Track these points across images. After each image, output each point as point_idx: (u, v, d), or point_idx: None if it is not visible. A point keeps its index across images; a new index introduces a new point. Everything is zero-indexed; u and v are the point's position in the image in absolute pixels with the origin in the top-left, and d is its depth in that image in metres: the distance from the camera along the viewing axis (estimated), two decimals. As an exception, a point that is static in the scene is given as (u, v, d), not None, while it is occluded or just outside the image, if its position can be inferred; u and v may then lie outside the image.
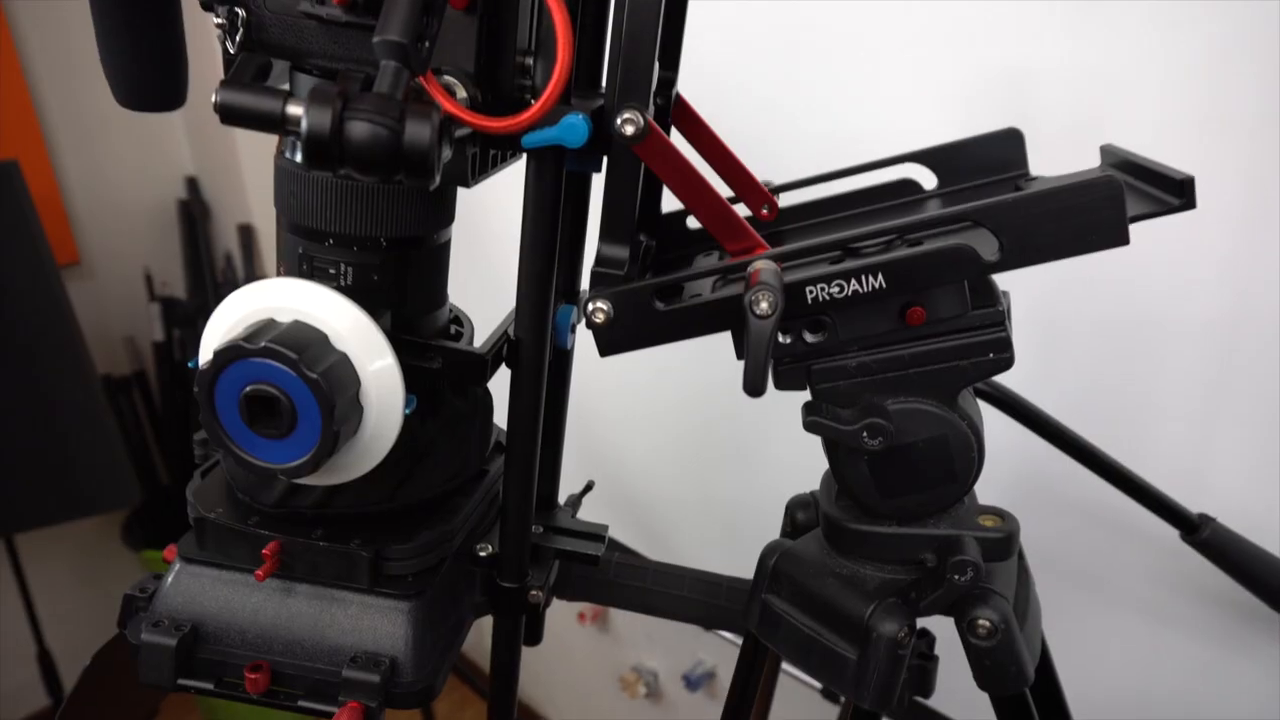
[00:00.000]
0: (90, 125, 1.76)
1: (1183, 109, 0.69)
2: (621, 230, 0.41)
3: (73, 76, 1.71)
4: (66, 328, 1.44)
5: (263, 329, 0.38)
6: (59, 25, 1.68)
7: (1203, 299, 0.72)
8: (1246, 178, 0.67)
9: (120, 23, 0.43)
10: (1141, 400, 0.77)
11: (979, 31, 0.77)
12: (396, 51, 0.32)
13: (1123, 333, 0.78)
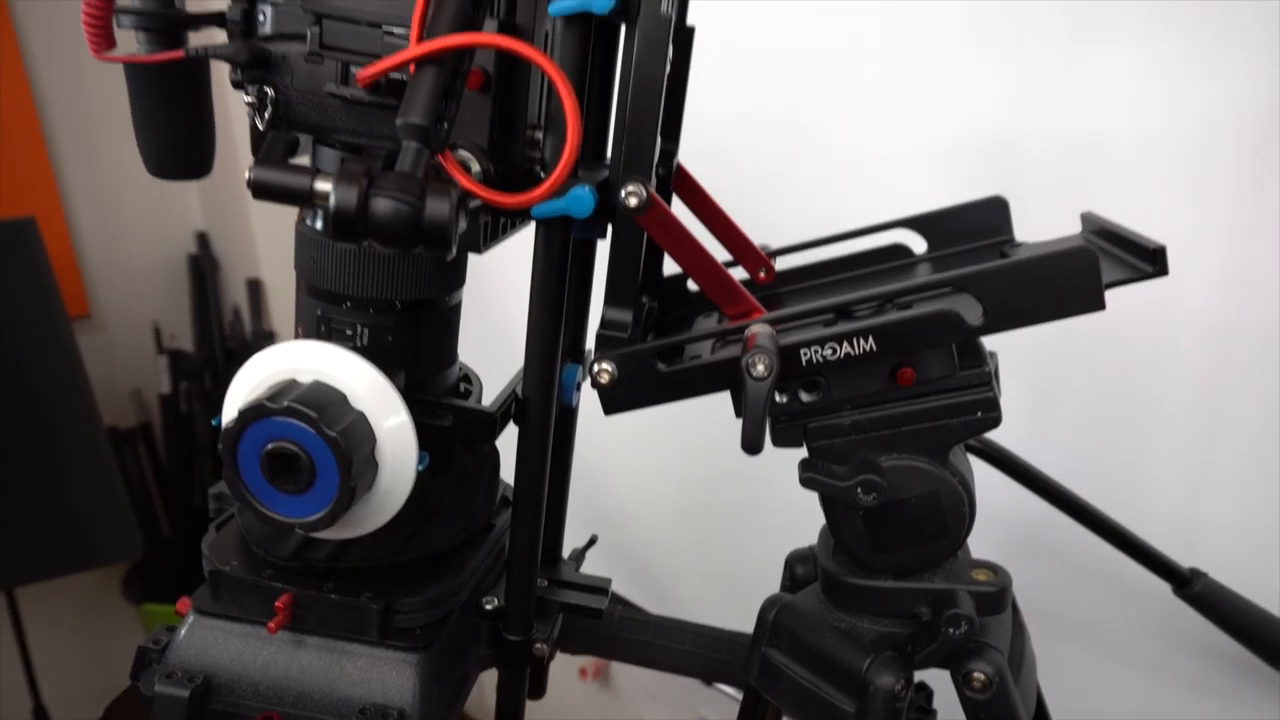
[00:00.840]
0: (105, 182, 1.80)
1: (1162, 173, 0.72)
2: (625, 295, 0.44)
3: (90, 135, 1.76)
4: (76, 381, 1.46)
5: (285, 389, 0.40)
6: (79, 86, 1.73)
7: (1191, 357, 0.75)
8: (1227, 241, 0.70)
9: (156, 102, 0.46)
10: (1133, 455, 0.79)
11: (967, 101, 0.81)
12: (418, 134, 0.34)
13: (1114, 390, 0.80)
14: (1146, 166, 0.73)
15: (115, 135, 1.76)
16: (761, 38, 0.89)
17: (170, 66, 0.45)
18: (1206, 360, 0.73)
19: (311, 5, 0.41)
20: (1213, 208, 0.70)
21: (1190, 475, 0.77)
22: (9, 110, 1.64)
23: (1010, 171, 0.79)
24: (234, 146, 0.67)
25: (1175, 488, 0.77)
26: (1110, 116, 0.74)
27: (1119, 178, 0.74)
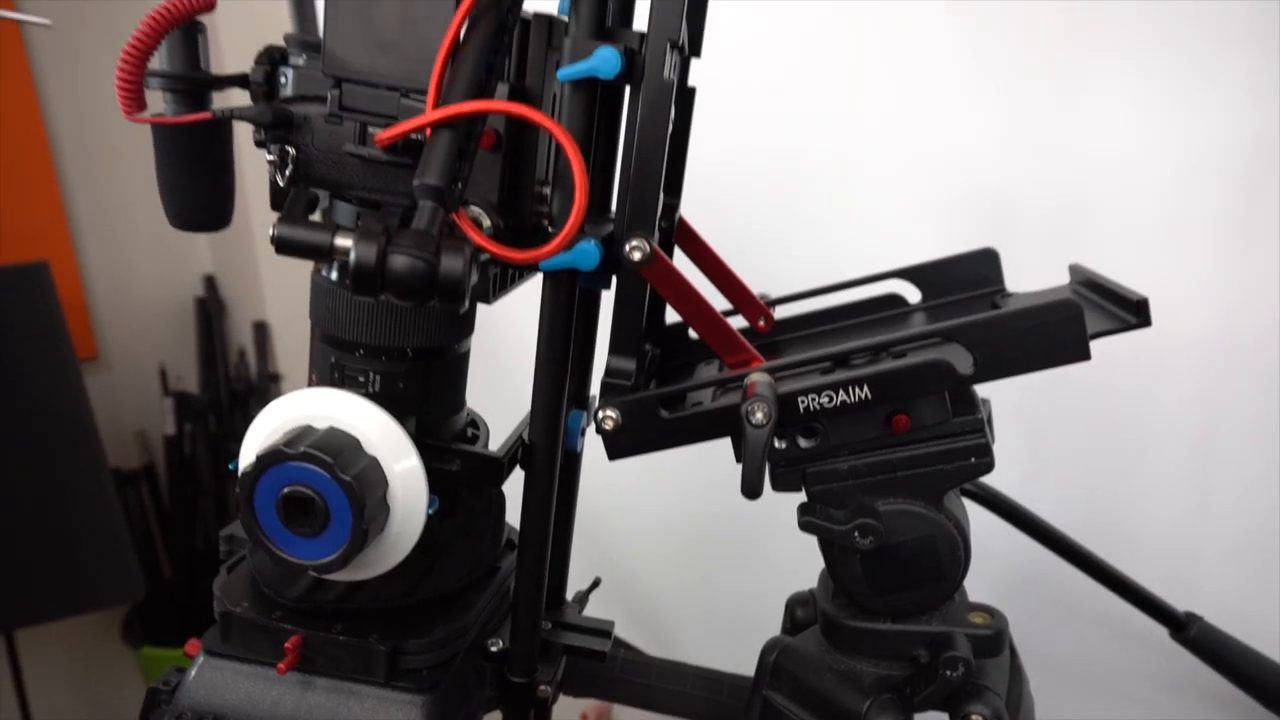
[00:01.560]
0: (116, 225, 1.83)
1: (1150, 223, 0.74)
2: (629, 344, 0.45)
3: (103, 179, 1.79)
4: (83, 424, 1.48)
5: (301, 434, 0.41)
6: (94, 131, 1.77)
7: (1182, 403, 0.76)
8: (1214, 289, 0.72)
9: (181, 159, 0.48)
10: (1129, 500, 0.80)
11: (960, 154, 0.83)
12: (434, 194, 0.36)
13: (1109, 436, 0.81)
14: (1134, 216, 0.75)
15: (127, 180, 1.80)
16: (761, 93, 0.92)
17: (195, 125, 0.47)
18: (1197, 406, 0.75)
19: (332, 70, 0.43)
20: (1199, 257, 0.72)
21: (1185, 520, 0.78)
22: (25, 155, 1.68)
23: (1002, 222, 0.81)
24: (244, 193, 0.69)
25: (1171, 532, 0.78)
26: (1098, 168, 0.76)
27: (1108, 227, 0.76)
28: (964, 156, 0.83)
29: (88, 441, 1.48)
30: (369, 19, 0.42)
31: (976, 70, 0.82)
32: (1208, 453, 0.76)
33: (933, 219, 0.85)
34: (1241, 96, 0.70)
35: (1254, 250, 0.70)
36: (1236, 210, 0.70)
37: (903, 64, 0.85)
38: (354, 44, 0.43)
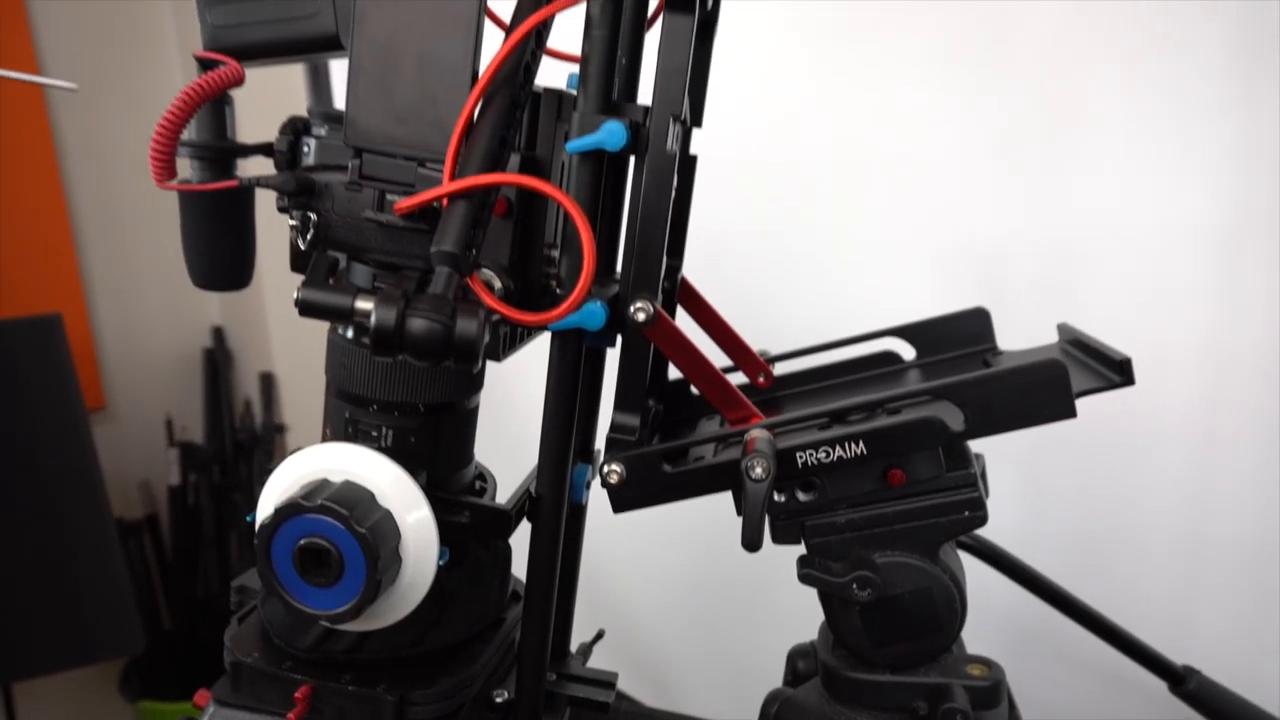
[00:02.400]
0: (128, 278, 1.86)
1: (1138, 281, 0.77)
2: (633, 401, 0.47)
3: (116, 232, 1.83)
4: (90, 475, 1.49)
5: (318, 488, 0.43)
6: (108, 186, 1.81)
7: (1175, 456, 0.77)
8: (1199, 349, 0.74)
9: (206, 223, 0.50)
10: (1127, 553, 0.81)
11: (955, 214, 0.86)
12: (450, 260, 0.38)
13: (1105, 491, 0.82)
14: (1122, 276, 0.77)
15: (139, 234, 1.84)
16: (761, 155, 0.95)
17: (221, 191, 0.49)
18: (1190, 465, 0.76)
19: (354, 140, 0.46)
20: (1186, 315, 0.74)
21: (1183, 573, 0.79)
22: (43, 211, 1.72)
23: (995, 279, 0.84)
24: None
25: (1168, 585, 0.79)
26: (1087, 229, 0.79)
27: (1097, 285, 0.78)
28: (958, 217, 0.86)
29: (93, 492, 1.49)
30: (389, 93, 0.45)
31: (970, 134, 0.85)
32: (1203, 510, 0.77)
33: (928, 277, 0.88)
34: (1223, 163, 0.73)
35: (1238, 309, 0.72)
36: (1219, 270, 0.72)
37: (898, 127, 0.89)
38: (374, 116, 0.45)
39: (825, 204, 0.93)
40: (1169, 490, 0.77)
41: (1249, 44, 0.73)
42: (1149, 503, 0.78)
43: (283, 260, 0.53)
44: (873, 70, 0.92)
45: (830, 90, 0.93)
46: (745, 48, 0.89)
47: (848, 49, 0.93)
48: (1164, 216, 0.75)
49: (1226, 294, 0.72)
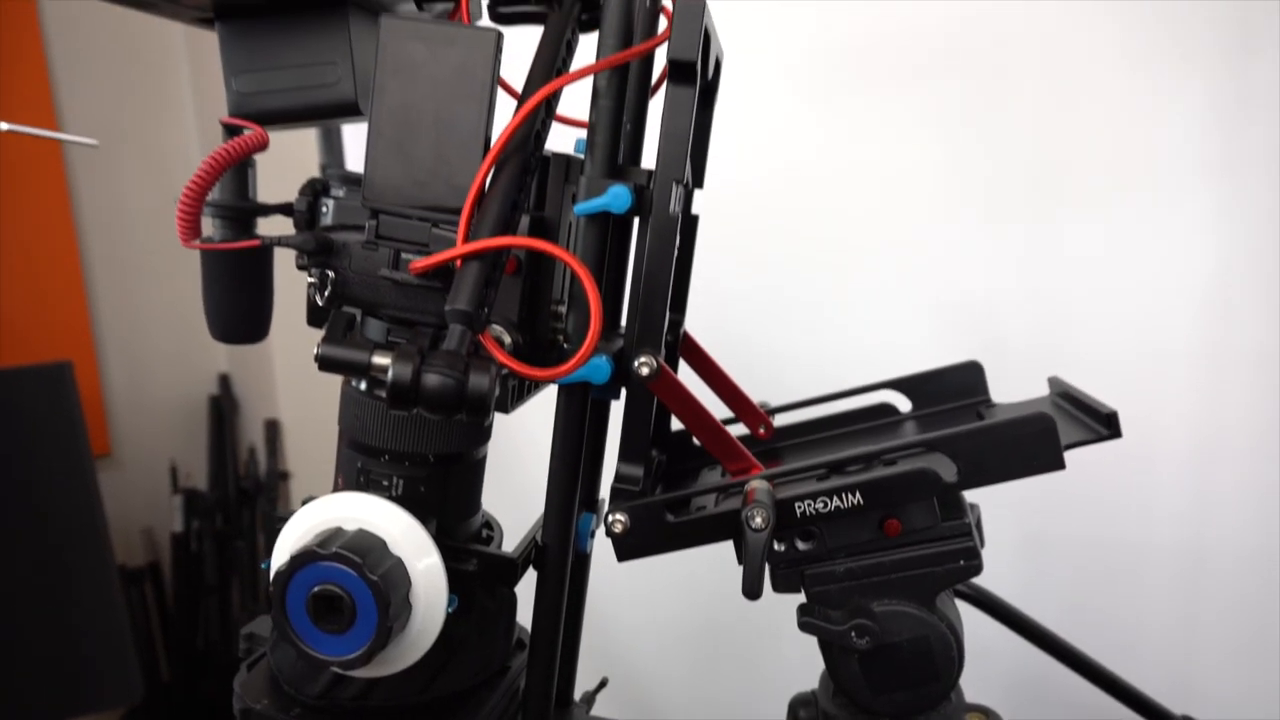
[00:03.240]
0: (136, 325, 1.89)
1: (1127, 335, 0.79)
2: (637, 452, 0.49)
3: (127, 281, 1.86)
4: (95, 523, 1.49)
5: (332, 536, 0.44)
6: (120, 236, 1.84)
7: (1171, 505, 0.79)
8: (1189, 402, 0.75)
9: (227, 279, 0.53)
10: (1125, 602, 0.82)
11: (950, 270, 0.88)
12: (464, 318, 0.40)
13: (1104, 540, 0.83)
14: (1113, 326, 0.79)
15: (149, 282, 1.87)
16: (762, 209, 0.98)
17: (242, 249, 0.51)
18: (1184, 511, 0.77)
19: (371, 202, 0.48)
20: (1176, 365, 0.76)
21: (1182, 623, 0.79)
22: (57, 260, 1.75)
23: (990, 330, 0.86)
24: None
25: (1167, 635, 0.79)
26: (1078, 286, 0.81)
27: (1089, 337, 0.80)
28: (952, 271, 0.88)
29: (97, 540, 1.50)
30: (406, 157, 0.47)
31: (963, 190, 0.88)
32: (1199, 561, 0.78)
33: (924, 330, 0.90)
34: (1207, 220, 0.75)
35: (1227, 362, 0.74)
36: (1207, 323, 0.74)
37: (893, 185, 0.91)
38: (392, 179, 0.47)
39: (823, 258, 0.95)
40: (1165, 540, 0.78)
41: (1231, 106, 0.76)
42: (1145, 553, 0.79)
43: (290, 309, 0.55)
44: (868, 129, 0.95)
45: (827, 148, 0.96)
46: (746, 108, 0.92)
47: (845, 109, 0.96)
48: (1152, 271, 0.77)
49: (1215, 346, 0.74)
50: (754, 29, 0.99)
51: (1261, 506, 0.74)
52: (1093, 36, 0.83)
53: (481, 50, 0.45)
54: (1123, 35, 0.81)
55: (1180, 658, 0.78)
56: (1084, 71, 0.83)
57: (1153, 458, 0.76)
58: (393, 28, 0.46)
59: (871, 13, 0.95)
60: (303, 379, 1.85)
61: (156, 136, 1.86)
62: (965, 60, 0.90)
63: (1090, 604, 0.82)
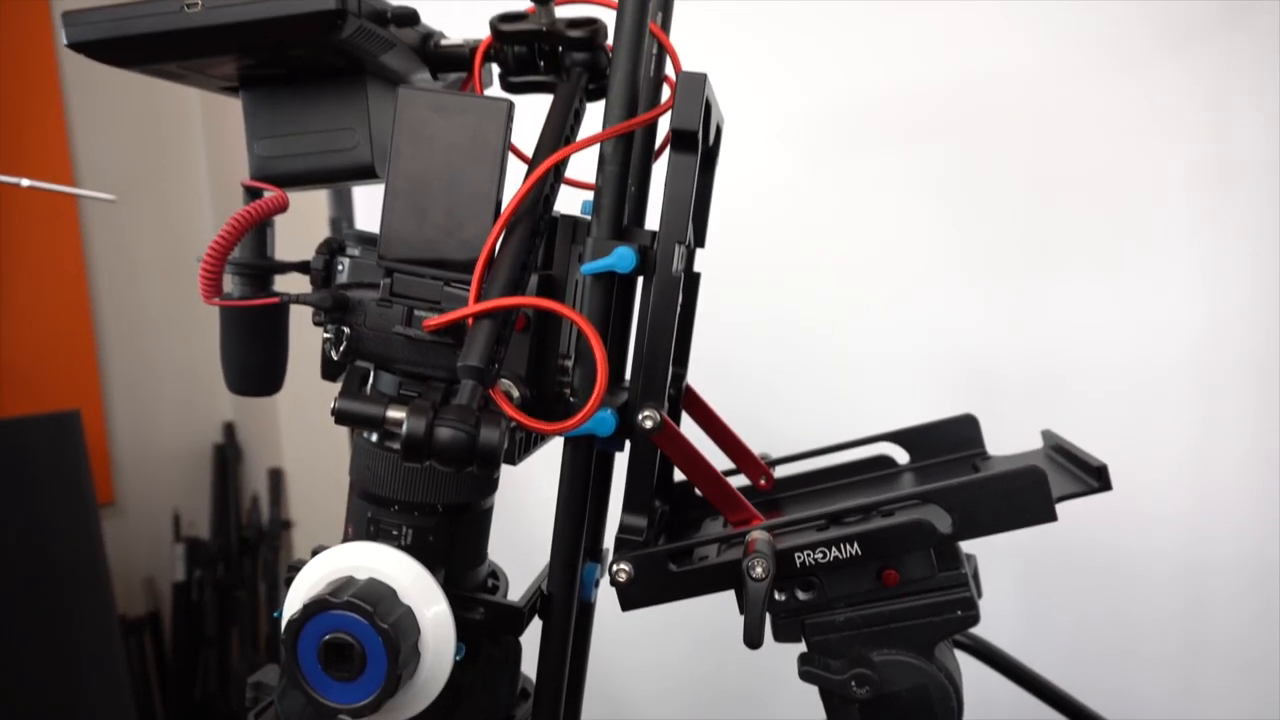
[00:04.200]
0: (144, 374, 1.91)
1: (1118, 385, 0.80)
2: (641, 503, 0.50)
3: (136, 329, 1.89)
4: (98, 573, 1.50)
5: (344, 585, 0.45)
6: (130, 286, 1.87)
7: (1167, 553, 0.79)
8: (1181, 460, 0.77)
9: (245, 334, 0.54)
10: (1124, 654, 0.82)
11: (948, 325, 0.91)
12: (476, 374, 0.42)
13: (1103, 591, 0.84)
14: (1105, 378, 0.81)
15: (158, 331, 1.89)
16: (763, 265, 1.01)
17: (261, 305, 0.53)
18: (1181, 558, 0.78)
19: (386, 261, 0.50)
20: (1167, 415, 0.78)
21: (1180, 673, 0.79)
22: (67, 307, 1.78)
23: (986, 384, 0.87)
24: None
25: (1167, 690, 0.80)
26: (1071, 341, 0.83)
27: (1082, 390, 0.82)
28: (949, 326, 0.90)
29: (100, 591, 1.50)
30: (421, 218, 0.49)
31: (959, 248, 0.91)
32: (1197, 609, 0.78)
33: (921, 383, 0.92)
34: (1194, 277, 0.77)
35: (1216, 412, 0.75)
36: (1196, 375, 0.76)
37: (891, 243, 0.94)
38: (407, 239, 0.49)
39: (823, 314, 0.98)
40: (1162, 590, 0.79)
41: (1213, 169, 0.79)
42: (1143, 603, 0.80)
43: (296, 359, 0.56)
44: (867, 190, 0.98)
45: (827, 208, 0.99)
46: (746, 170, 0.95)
47: (844, 171, 0.99)
48: (1142, 325, 0.79)
49: (1205, 397, 0.76)
50: (754, 92, 1.02)
51: (1259, 557, 0.74)
52: (1079, 102, 0.86)
53: (494, 119, 0.48)
54: (1108, 101, 0.84)
55: (1180, 708, 0.78)
56: (1072, 133, 0.86)
57: (1148, 511, 0.78)
58: (410, 98, 0.48)
59: (867, 77, 0.98)
60: (307, 428, 1.86)
61: (170, 193, 1.91)
62: (957, 122, 0.93)
63: (1089, 654, 0.82)
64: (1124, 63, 0.83)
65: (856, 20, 0.99)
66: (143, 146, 1.87)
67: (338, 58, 0.52)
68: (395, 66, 0.55)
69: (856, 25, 0.99)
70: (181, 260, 1.89)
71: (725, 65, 0.74)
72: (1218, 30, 0.78)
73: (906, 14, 0.95)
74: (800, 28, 1.03)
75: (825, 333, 0.98)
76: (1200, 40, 0.79)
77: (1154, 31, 0.81)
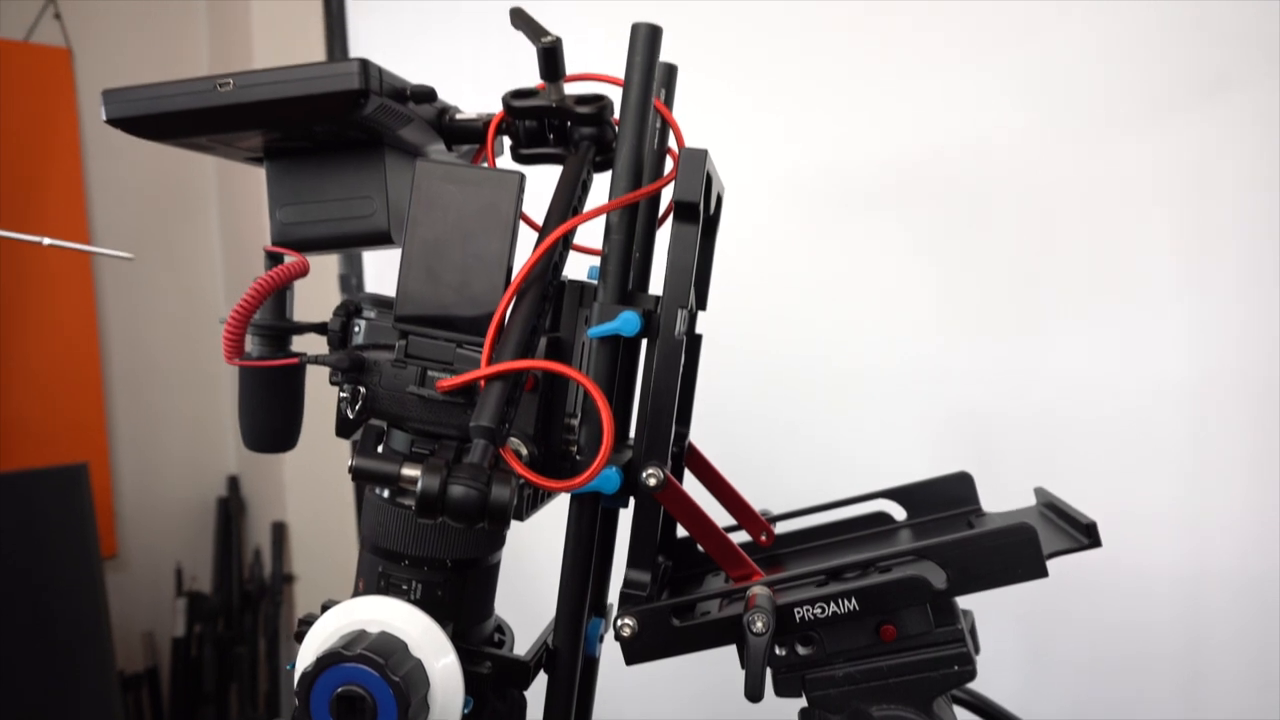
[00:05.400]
0: (151, 426, 1.93)
1: (1111, 442, 0.82)
2: (645, 559, 0.51)
3: (144, 384, 1.91)
4: (99, 627, 1.50)
5: (357, 639, 0.47)
6: (141, 340, 1.90)
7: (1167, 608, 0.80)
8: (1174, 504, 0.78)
9: (262, 393, 0.56)
10: (1124, 703, 0.82)
11: (945, 383, 0.93)
12: (487, 434, 0.44)
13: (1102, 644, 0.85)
14: (1098, 435, 0.83)
15: (165, 386, 1.92)
16: (763, 325, 1.03)
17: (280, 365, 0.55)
18: (1180, 617, 0.79)
19: (402, 323, 0.52)
20: (1160, 471, 0.79)
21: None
22: (78, 362, 1.80)
23: (982, 440, 0.89)
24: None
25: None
26: (1065, 399, 0.85)
27: (1075, 447, 0.84)
28: (945, 384, 0.92)
29: (100, 645, 1.50)
30: (435, 283, 0.51)
31: (955, 309, 0.93)
32: (1196, 659, 0.79)
33: (918, 440, 0.93)
34: (1181, 332, 0.79)
35: (1209, 468, 0.77)
36: (1188, 432, 0.78)
37: (889, 302, 0.97)
38: (422, 303, 0.52)
39: (821, 373, 1.00)
40: (1161, 644, 0.80)
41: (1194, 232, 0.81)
42: (1142, 658, 0.80)
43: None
44: (864, 252, 1.01)
45: (825, 270, 1.02)
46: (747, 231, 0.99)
47: (842, 234, 1.02)
48: (1134, 384, 0.81)
49: (1195, 450, 0.78)
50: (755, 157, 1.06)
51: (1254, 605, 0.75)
52: (1069, 166, 0.89)
53: (506, 190, 0.50)
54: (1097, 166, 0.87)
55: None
56: (1062, 196, 0.90)
57: (1144, 564, 0.79)
58: (426, 170, 0.51)
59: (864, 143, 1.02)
60: (311, 482, 1.88)
61: (182, 252, 1.95)
62: (952, 186, 0.96)
63: (1088, 708, 0.83)
64: (1111, 130, 0.86)
65: (854, 89, 1.03)
66: (158, 208, 1.92)
67: (359, 131, 0.55)
68: (412, 139, 0.58)
69: (854, 94, 1.03)
70: (191, 317, 1.92)
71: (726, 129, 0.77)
72: (1199, 102, 0.82)
73: (902, 84, 0.99)
74: (800, 96, 1.07)
75: (824, 392, 1.00)
76: (1183, 110, 0.83)
77: (1139, 101, 0.85)
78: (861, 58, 1.03)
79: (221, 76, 0.51)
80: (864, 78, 1.02)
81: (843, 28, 1.04)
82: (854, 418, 0.98)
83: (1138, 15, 0.83)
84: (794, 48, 1.07)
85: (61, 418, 1.77)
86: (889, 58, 1.00)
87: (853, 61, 1.03)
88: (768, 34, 1.09)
